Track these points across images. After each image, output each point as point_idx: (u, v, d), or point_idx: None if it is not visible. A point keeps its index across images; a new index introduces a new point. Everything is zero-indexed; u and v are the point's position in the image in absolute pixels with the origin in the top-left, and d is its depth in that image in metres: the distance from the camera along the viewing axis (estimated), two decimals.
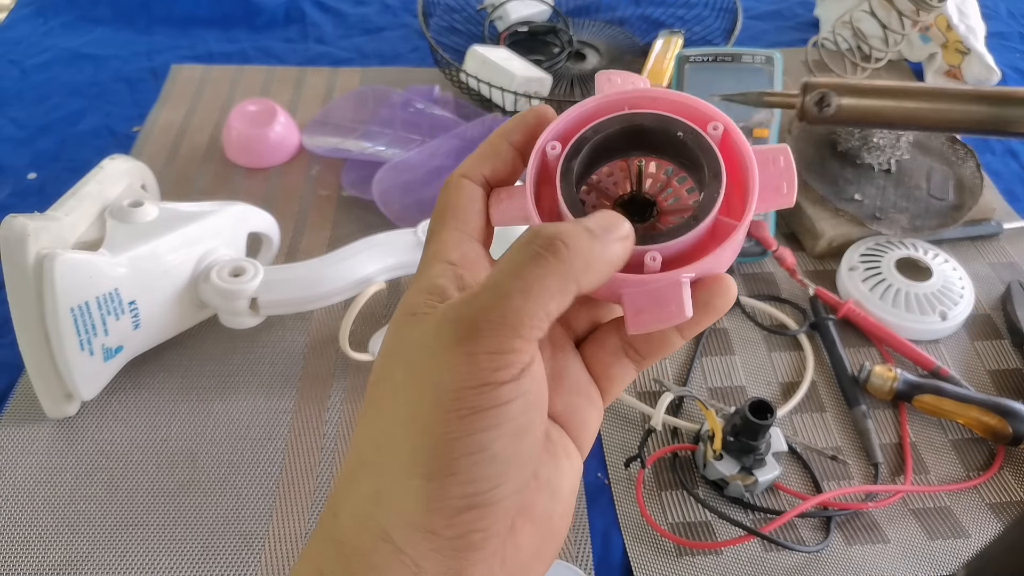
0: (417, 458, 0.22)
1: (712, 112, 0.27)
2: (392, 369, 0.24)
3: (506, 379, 0.22)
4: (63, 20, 1.04)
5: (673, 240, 0.26)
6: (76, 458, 0.58)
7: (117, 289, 0.57)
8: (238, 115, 0.83)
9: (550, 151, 0.27)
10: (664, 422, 0.60)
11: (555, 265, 0.23)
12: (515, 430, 0.22)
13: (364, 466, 0.24)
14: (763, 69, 0.73)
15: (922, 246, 0.73)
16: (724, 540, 0.55)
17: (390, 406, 0.23)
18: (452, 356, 0.22)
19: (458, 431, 0.22)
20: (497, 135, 0.29)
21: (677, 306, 0.26)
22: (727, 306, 0.27)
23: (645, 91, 0.28)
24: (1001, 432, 0.59)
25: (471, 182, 0.28)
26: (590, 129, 0.27)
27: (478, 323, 0.22)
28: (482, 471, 0.22)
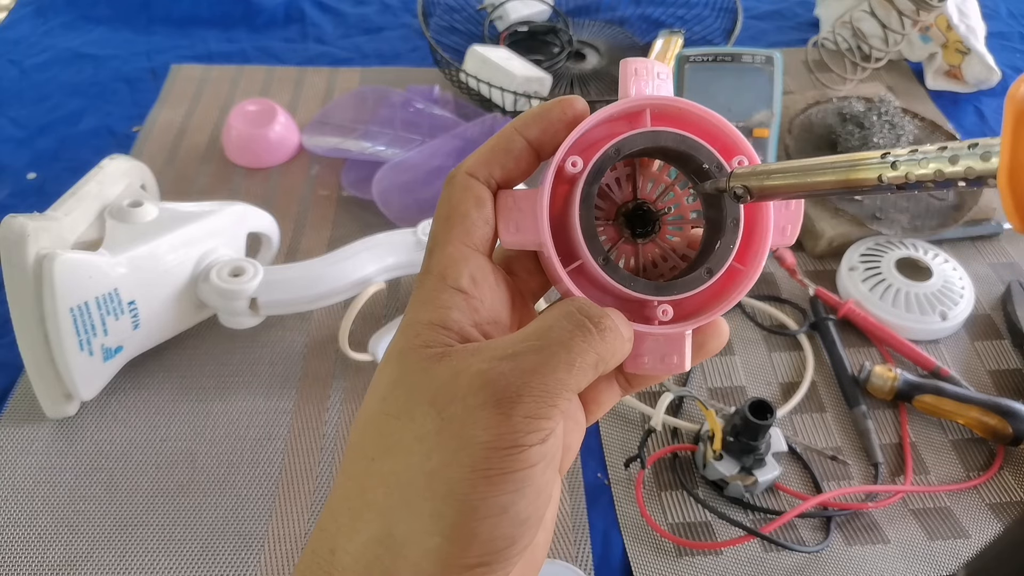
0: (442, 517, 0.22)
1: (738, 141, 0.26)
2: (412, 408, 0.23)
3: (534, 443, 0.22)
4: (63, 20, 1.04)
5: (687, 293, 0.26)
6: (76, 458, 0.58)
7: (117, 289, 0.57)
8: (238, 115, 0.83)
9: (570, 168, 0.26)
10: (664, 422, 0.60)
11: (599, 344, 0.23)
12: (535, 493, 0.22)
13: (371, 507, 0.23)
14: (763, 69, 0.73)
15: (922, 246, 0.73)
16: (724, 540, 0.55)
17: (411, 452, 0.23)
18: (488, 415, 0.22)
19: (484, 492, 0.22)
20: (511, 128, 0.27)
21: (679, 358, 0.27)
22: (719, 348, 0.28)
23: (671, 102, 0.26)
24: (1001, 432, 0.59)
25: (478, 182, 0.26)
26: (612, 148, 0.26)
27: (520, 389, 0.22)
28: (502, 532, 0.22)
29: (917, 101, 0.94)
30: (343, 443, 0.60)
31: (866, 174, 0.20)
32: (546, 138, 0.26)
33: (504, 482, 0.22)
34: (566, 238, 0.26)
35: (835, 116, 0.80)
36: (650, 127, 0.26)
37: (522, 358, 0.22)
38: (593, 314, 0.24)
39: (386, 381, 0.24)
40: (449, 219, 0.26)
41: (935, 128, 0.83)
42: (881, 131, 0.77)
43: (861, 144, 0.77)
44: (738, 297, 0.26)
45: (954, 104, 0.95)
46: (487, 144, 0.27)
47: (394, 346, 0.25)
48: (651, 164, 0.28)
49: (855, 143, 0.77)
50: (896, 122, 0.78)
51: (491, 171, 0.26)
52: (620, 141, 0.26)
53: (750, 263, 0.27)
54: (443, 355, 0.23)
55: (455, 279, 0.25)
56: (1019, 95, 0.16)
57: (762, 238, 0.26)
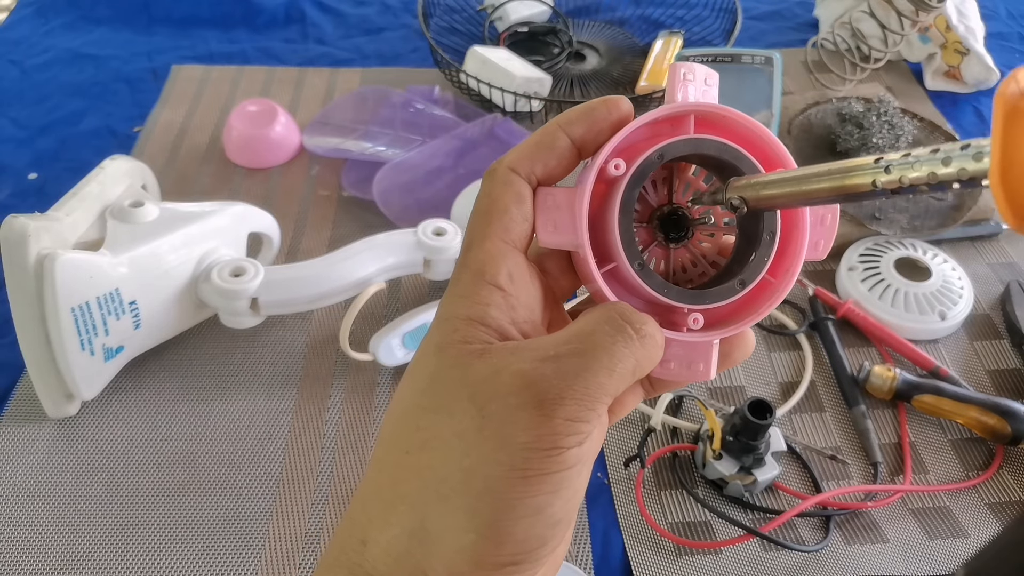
0: (477, 514, 0.22)
1: (779, 152, 0.26)
2: (452, 403, 0.23)
3: (573, 445, 0.22)
4: (64, 20, 1.05)
5: (719, 303, 0.26)
6: (76, 458, 0.59)
7: (118, 289, 0.57)
8: (238, 115, 0.83)
9: (612, 171, 0.25)
10: (663, 422, 0.60)
11: (639, 350, 0.24)
12: (570, 494, 0.23)
13: (405, 500, 0.23)
14: (762, 69, 0.73)
15: (921, 246, 0.73)
16: (723, 540, 0.55)
17: (449, 447, 0.23)
18: (529, 416, 0.22)
19: (522, 492, 0.22)
20: (555, 124, 0.26)
21: (705, 366, 0.27)
22: (745, 358, 0.28)
23: (716, 109, 0.26)
24: (1000, 432, 0.59)
25: (519, 178, 0.26)
26: (656, 153, 0.25)
27: (563, 391, 0.22)
28: (536, 532, 0.22)
29: (916, 101, 0.94)
30: (344, 443, 0.60)
31: (860, 180, 0.20)
32: (589, 137, 0.26)
33: (542, 483, 0.22)
34: (601, 239, 0.26)
35: (834, 116, 0.80)
36: (693, 134, 0.26)
37: (564, 361, 0.23)
38: (635, 320, 0.24)
39: (424, 374, 0.24)
40: (489, 214, 0.25)
41: (934, 128, 0.83)
42: (880, 131, 0.77)
43: (860, 144, 0.77)
44: (767, 310, 0.26)
45: (953, 104, 0.95)
46: (530, 139, 0.26)
47: (431, 340, 0.25)
48: (687, 168, 0.28)
49: (854, 143, 0.77)
50: (895, 122, 0.78)
51: (533, 167, 0.26)
52: (664, 147, 0.26)
53: (782, 277, 0.27)
54: (483, 352, 0.23)
55: (493, 275, 0.25)
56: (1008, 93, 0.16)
57: (796, 252, 0.26)
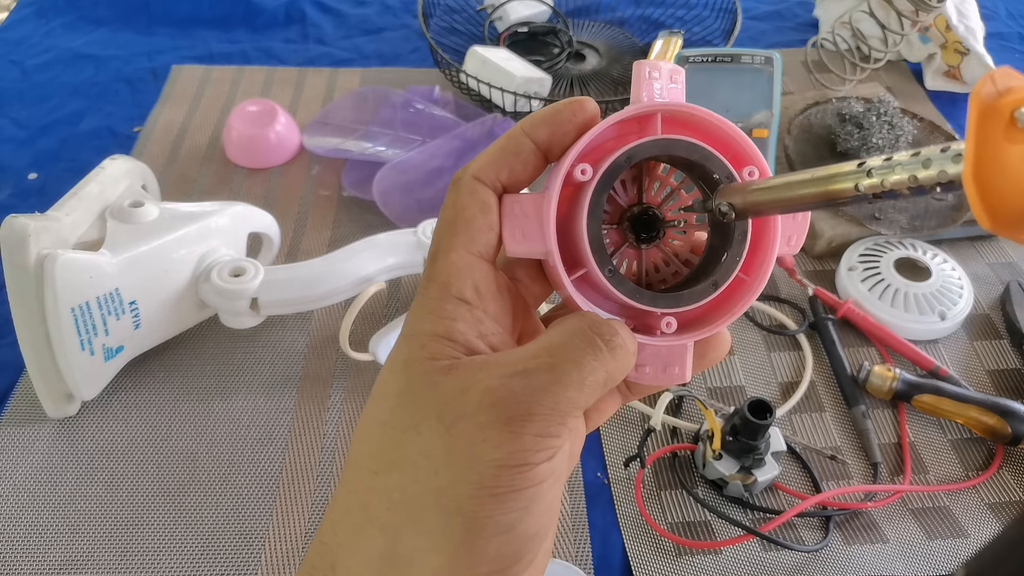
0: (448, 535, 0.22)
1: (749, 151, 0.26)
2: (419, 422, 0.23)
3: (543, 460, 0.22)
4: (64, 20, 1.05)
5: (692, 306, 0.26)
6: (77, 458, 0.59)
7: (118, 289, 0.57)
8: (238, 115, 0.83)
9: (579, 175, 0.25)
10: (663, 422, 0.60)
11: (610, 362, 0.23)
12: (542, 509, 0.22)
13: (374, 523, 0.23)
14: (762, 70, 0.73)
15: (921, 246, 0.73)
16: (723, 540, 0.55)
17: (417, 467, 0.22)
18: (498, 433, 0.22)
19: (492, 510, 0.21)
20: (520, 129, 0.26)
21: (680, 369, 0.27)
22: (720, 358, 0.28)
23: (683, 108, 0.26)
24: (1000, 432, 0.59)
25: (484, 187, 0.25)
26: (623, 156, 0.25)
27: (531, 407, 0.22)
28: (509, 549, 0.22)
29: (916, 101, 0.94)
30: (344, 443, 0.60)
31: (843, 185, 0.20)
32: (555, 140, 0.25)
33: (513, 499, 0.22)
34: (571, 245, 0.26)
35: (834, 117, 0.80)
36: (662, 135, 0.25)
37: (533, 376, 0.22)
38: (604, 332, 0.24)
39: (391, 392, 0.24)
40: (454, 224, 0.25)
41: (934, 128, 0.83)
42: (880, 131, 0.77)
43: (861, 144, 0.77)
44: (742, 309, 0.26)
45: (953, 104, 0.95)
46: (494, 146, 0.26)
47: (397, 356, 0.24)
48: (657, 166, 0.28)
49: (854, 143, 0.77)
50: (895, 122, 0.78)
51: (498, 174, 0.25)
52: (632, 149, 0.25)
53: (755, 274, 0.26)
54: (450, 368, 0.23)
55: (459, 289, 0.24)
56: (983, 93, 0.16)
57: (768, 249, 0.26)
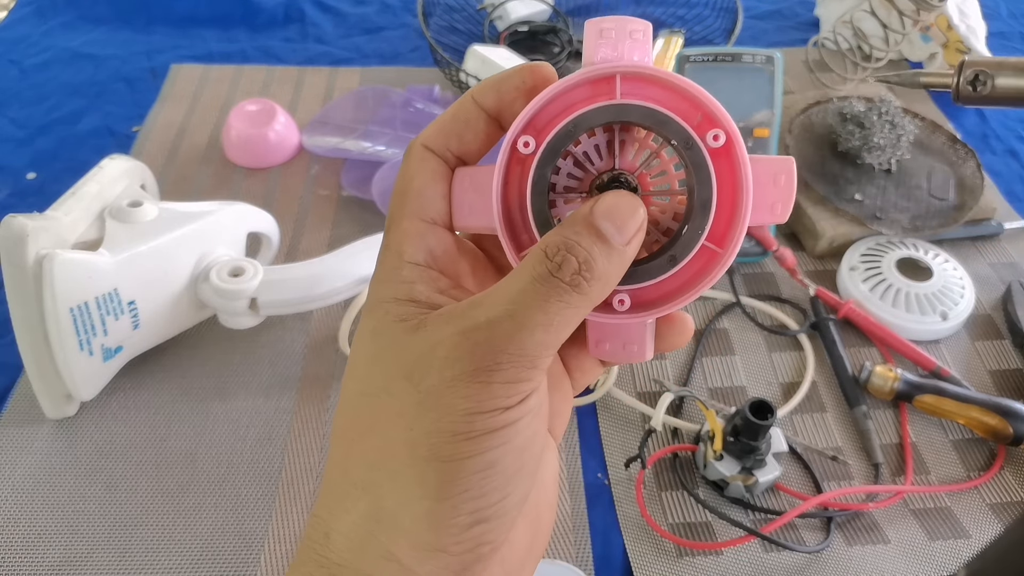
0: (426, 481, 0.22)
1: (715, 111, 0.24)
2: (390, 383, 0.23)
3: (515, 403, 0.22)
4: (63, 20, 1.04)
5: (646, 283, 0.25)
6: (76, 458, 0.58)
7: (116, 289, 0.57)
8: (238, 115, 0.83)
9: (522, 148, 0.24)
10: (664, 422, 0.60)
11: (579, 299, 0.22)
12: (522, 444, 0.22)
13: (356, 486, 0.23)
14: (763, 69, 0.73)
15: (923, 246, 0.73)
16: (724, 541, 0.55)
17: (391, 426, 0.22)
18: (467, 384, 0.21)
19: (468, 451, 0.21)
20: (468, 97, 0.25)
21: (639, 347, 0.26)
22: (682, 343, 0.27)
23: (644, 69, 0.24)
24: (1002, 432, 0.59)
25: (434, 156, 0.25)
26: (570, 123, 0.24)
27: (498, 355, 0.21)
28: (493, 486, 0.22)
29: (917, 101, 0.94)
30: None
31: None
32: (504, 107, 0.25)
33: (488, 439, 0.21)
34: (520, 220, 0.25)
35: (835, 116, 0.80)
36: (616, 100, 0.24)
37: (497, 326, 0.22)
38: (569, 266, 0.22)
39: (362, 362, 0.24)
40: (405, 194, 0.25)
41: (935, 128, 0.83)
42: (882, 131, 0.77)
43: (862, 144, 0.77)
44: (708, 284, 0.24)
45: (954, 104, 0.95)
46: (445, 114, 0.25)
47: (364, 326, 0.24)
48: (633, 128, 0.26)
49: (855, 143, 0.77)
50: (896, 122, 0.78)
51: (447, 143, 0.25)
52: (577, 118, 0.24)
53: (728, 244, 0.24)
54: (417, 327, 0.23)
55: (413, 254, 0.24)
56: None
57: (740, 218, 0.24)
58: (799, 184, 0.76)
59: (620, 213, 0.23)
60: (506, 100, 0.25)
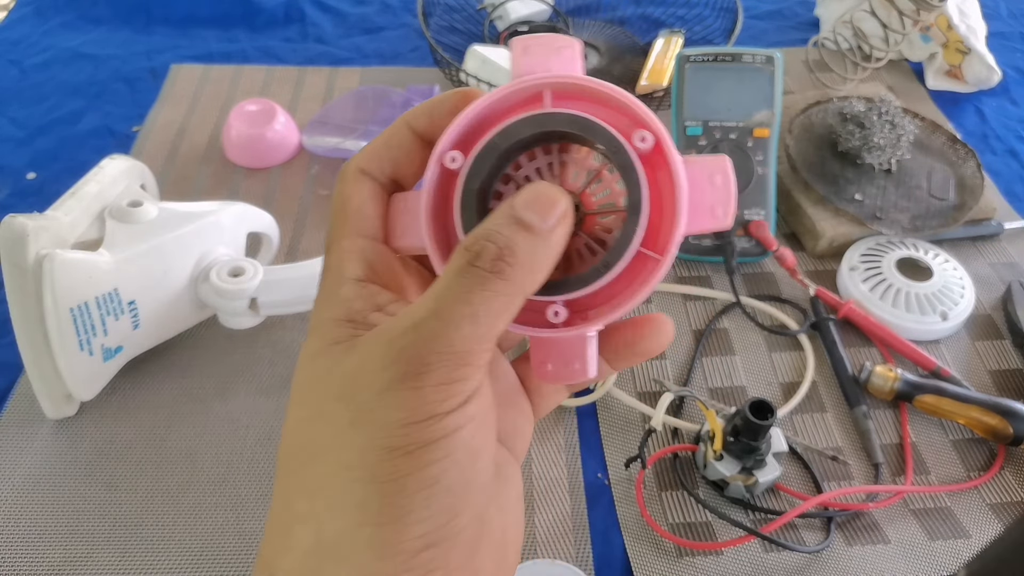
0: (367, 505, 0.20)
1: (642, 114, 0.24)
2: (323, 406, 0.22)
3: (453, 407, 0.21)
4: (62, 20, 1.04)
5: (578, 292, 0.24)
6: (75, 458, 0.58)
7: (116, 289, 0.57)
8: (238, 115, 0.83)
9: (449, 163, 0.24)
10: (664, 422, 0.60)
11: (502, 285, 0.21)
12: (467, 456, 0.21)
13: (298, 519, 0.22)
14: (764, 69, 0.73)
15: (923, 246, 0.73)
16: (724, 541, 0.55)
17: (328, 451, 0.21)
18: (396, 395, 0.20)
19: (407, 468, 0.20)
20: (402, 120, 0.25)
21: (581, 364, 0.24)
22: (658, 349, 0.26)
23: (568, 79, 0.24)
24: (1002, 432, 0.59)
25: (368, 178, 0.25)
26: (497, 135, 0.23)
27: (425, 356, 0.20)
28: (437, 504, 0.20)
29: (917, 101, 0.94)
30: None
31: None
32: (436, 131, 0.24)
33: (428, 453, 0.20)
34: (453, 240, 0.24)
35: (835, 116, 0.80)
36: (541, 111, 0.23)
37: (422, 326, 0.21)
38: (487, 254, 0.21)
39: (299, 387, 0.23)
40: (342, 213, 0.25)
41: (935, 128, 0.83)
42: (882, 131, 0.77)
43: (862, 144, 0.77)
44: (645, 291, 0.24)
45: (954, 104, 0.95)
46: (378, 137, 0.25)
47: (305, 351, 0.24)
48: (572, 148, 0.25)
49: (856, 143, 0.77)
50: (897, 122, 0.78)
51: (381, 166, 0.25)
52: (503, 129, 0.23)
53: (665, 249, 0.23)
54: (350, 347, 0.22)
55: (353, 271, 0.24)
56: None
57: (675, 222, 0.23)
58: (799, 184, 0.76)
59: (540, 201, 0.22)
60: (439, 124, 0.24)
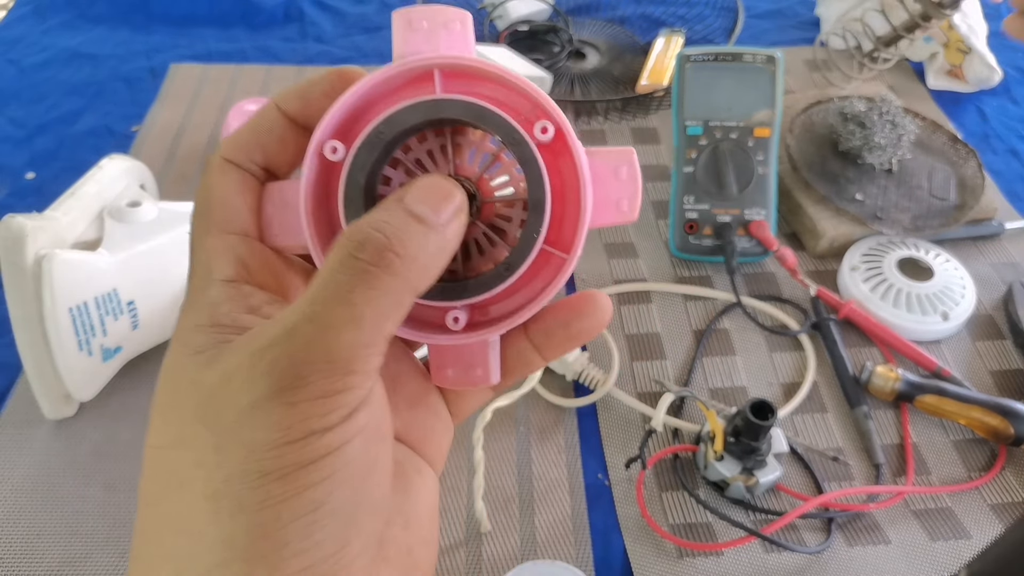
0: (234, 542, 0.18)
1: (541, 102, 0.22)
2: (184, 431, 0.19)
3: (336, 422, 0.18)
4: (61, 19, 1.04)
5: (479, 297, 0.22)
6: (74, 459, 0.58)
7: (116, 289, 0.56)
8: (237, 114, 0.83)
9: (330, 155, 0.22)
10: (665, 423, 0.60)
11: (389, 282, 0.19)
12: (356, 473, 0.19)
13: (162, 558, 0.19)
14: (764, 68, 0.73)
15: (923, 246, 0.73)
16: (725, 541, 0.55)
17: (190, 482, 0.19)
18: (268, 413, 0.18)
19: (281, 494, 0.18)
20: (272, 104, 0.22)
21: (483, 369, 0.23)
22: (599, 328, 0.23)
23: (456, 60, 0.22)
24: (1003, 432, 0.59)
25: (236, 168, 0.22)
26: (383, 123, 0.21)
27: (300, 368, 0.18)
28: (322, 532, 0.18)
29: (918, 100, 0.94)
30: None
31: None
32: (311, 115, 0.22)
33: (307, 474, 0.18)
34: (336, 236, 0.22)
35: (836, 116, 0.80)
36: (431, 96, 0.22)
37: (296, 333, 0.18)
38: (371, 245, 0.19)
39: (156, 411, 0.20)
40: (207, 207, 0.22)
41: (936, 128, 0.82)
42: (882, 131, 0.77)
43: (863, 144, 0.77)
44: (552, 290, 0.22)
45: (955, 104, 0.95)
46: (246, 123, 0.23)
47: (164, 364, 0.21)
48: (466, 130, 0.24)
49: (856, 143, 0.77)
50: (897, 121, 0.78)
51: (251, 155, 0.22)
52: (388, 117, 0.21)
53: (570, 247, 0.22)
54: (212, 358, 0.19)
55: (221, 270, 0.21)
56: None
57: (581, 215, 0.22)
58: (800, 184, 0.76)
59: (434, 194, 0.20)
60: (314, 107, 0.22)
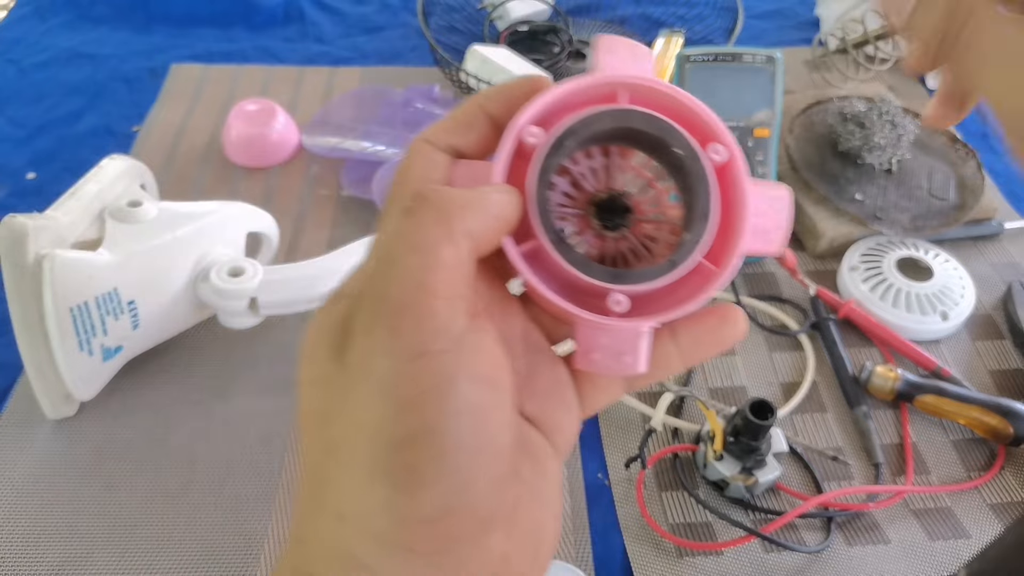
0: (377, 463, 0.20)
1: (718, 129, 0.24)
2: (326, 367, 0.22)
3: (441, 347, 0.20)
4: (62, 19, 1.04)
5: (643, 284, 0.24)
6: (75, 458, 0.58)
7: (116, 289, 0.56)
8: (237, 115, 0.83)
9: (528, 139, 0.24)
10: (665, 422, 0.60)
11: (429, 212, 0.21)
12: (471, 410, 0.20)
13: (324, 482, 0.21)
14: (764, 68, 0.73)
15: (923, 246, 0.73)
16: (725, 541, 0.55)
17: (338, 409, 0.21)
18: (376, 337, 0.20)
19: (407, 422, 0.19)
20: (473, 102, 0.25)
21: (632, 357, 0.24)
22: (738, 337, 0.25)
23: (649, 82, 0.25)
24: (1002, 432, 0.59)
25: (436, 148, 0.25)
26: (578, 122, 0.24)
27: (384, 295, 0.20)
28: (449, 464, 0.20)
29: (918, 100, 0.94)
30: None
31: None
32: (508, 115, 0.24)
33: (424, 403, 0.19)
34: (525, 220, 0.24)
35: (836, 116, 0.80)
36: (624, 106, 0.24)
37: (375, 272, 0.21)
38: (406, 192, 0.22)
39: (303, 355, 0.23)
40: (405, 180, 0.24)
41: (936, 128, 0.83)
42: (882, 131, 0.77)
43: (862, 144, 0.77)
44: (706, 297, 0.24)
45: None
46: (448, 115, 0.25)
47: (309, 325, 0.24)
48: (630, 155, 0.26)
49: (856, 143, 0.77)
50: (897, 121, 0.78)
51: (449, 140, 0.25)
52: (588, 115, 0.24)
53: (722, 263, 0.24)
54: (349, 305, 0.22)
55: None
56: None
57: (736, 236, 0.24)
58: (800, 184, 0.76)
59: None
60: (512, 108, 0.25)
